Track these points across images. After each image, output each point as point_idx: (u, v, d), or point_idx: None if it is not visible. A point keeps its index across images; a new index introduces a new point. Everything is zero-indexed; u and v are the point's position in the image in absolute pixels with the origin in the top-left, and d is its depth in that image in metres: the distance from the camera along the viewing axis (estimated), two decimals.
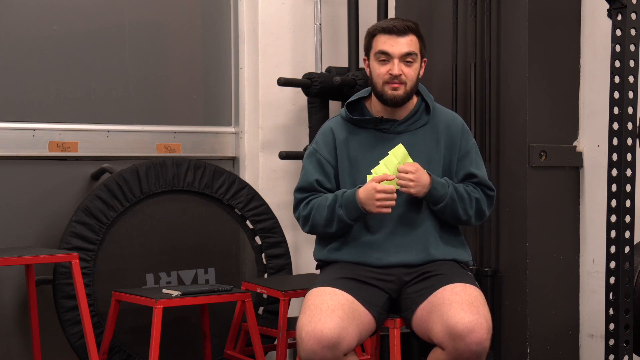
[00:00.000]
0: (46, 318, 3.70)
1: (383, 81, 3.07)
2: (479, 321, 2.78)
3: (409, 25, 3.07)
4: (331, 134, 3.17)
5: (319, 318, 2.82)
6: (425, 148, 3.12)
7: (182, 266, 3.93)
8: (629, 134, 3.14)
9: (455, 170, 3.15)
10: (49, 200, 3.87)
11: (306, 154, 3.20)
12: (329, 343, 2.78)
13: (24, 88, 3.84)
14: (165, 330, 3.48)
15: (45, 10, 3.89)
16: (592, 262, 4.01)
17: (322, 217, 3.07)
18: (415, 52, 3.07)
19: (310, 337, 2.79)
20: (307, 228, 3.15)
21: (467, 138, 3.19)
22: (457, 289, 2.89)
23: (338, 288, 2.93)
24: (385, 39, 3.06)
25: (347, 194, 3.04)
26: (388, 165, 3.06)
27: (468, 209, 3.09)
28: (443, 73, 4.19)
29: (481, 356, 2.80)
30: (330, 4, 4.48)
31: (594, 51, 4.00)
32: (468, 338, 2.76)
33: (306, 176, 3.16)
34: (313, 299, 2.90)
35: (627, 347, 3.17)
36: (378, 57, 3.07)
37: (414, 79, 3.08)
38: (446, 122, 3.16)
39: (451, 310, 2.81)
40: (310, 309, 2.86)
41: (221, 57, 4.38)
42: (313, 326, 2.80)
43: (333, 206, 3.04)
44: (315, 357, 2.80)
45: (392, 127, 3.13)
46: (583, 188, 4.05)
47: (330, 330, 2.79)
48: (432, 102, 3.17)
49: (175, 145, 4.20)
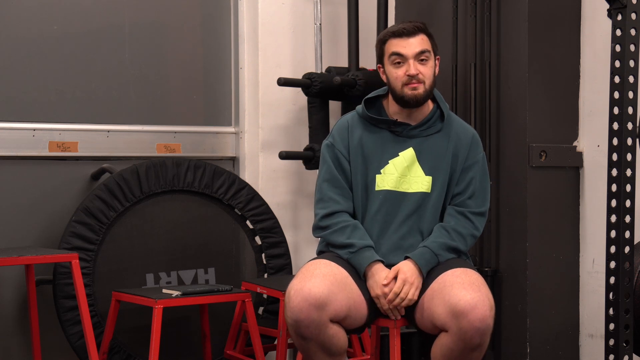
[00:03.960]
0: (46, 318, 3.70)
1: (402, 83, 3.08)
2: (480, 298, 2.81)
3: (417, 26, 3.10)
4: (346, 130, 3.18)
5: (309, 279, 2.87)
6: (434, 155, 3.13)
7: (182, 266, 3.93)
8: (629, 134, 3.14)
9: (457, 181, 3.14)
10: (49, 200, 3.87)
11: (324, 146, 3.22)
12: (317, 302, 2.81)
13: (24, 88, 3.84)
14: (165, 330, 3.48)
15: (45, 10, 3.89)
16: (592, 262, 4.01)
17: (334, 242, 3.08)
18: (428, 49, 3.09)
19: (298, 295, 2.83)
20: (317, 235, 3.17)
21: (475, 150, 3.17)
22: (458, 272, 2.93)
23: (334, 262, 2.98)
24: (397, 42, 3.08)
25: (359, 258, 3.02)
26: (397, 167, 3.09)
27: (463, 249, 3.10)
28: (443, 73, 4.18)
29: (485, 333, 2.81)
30: (330, 4, 4.48)
31: (594, 51, 3.99)
32: (471, 315, 2.78)
33: (330, 169, 3.15)
34: (307, 266, 2.97)
35: (627, 347, 3.17)
36: (393, 60, 3.09)
37: (431, 77, 3.10)
38: (458, 132, 3.17)
39: (452, 290, 2.84)
40: (303, 273, 2.92)
41: (221, 57, 4.37)
42: (302, 285, 2.85)
43: (346, 247, 3.05)
44: (301, 314, 2.82)
45: (405, 131, 3.14)
46: (583, 188, 4.05)
47: (319, 289, 2.83)
48: (447, 110, 3.19)
49: (175, 145, 4.20)
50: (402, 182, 3.10)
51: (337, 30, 4.49)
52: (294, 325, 2.85)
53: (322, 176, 3.18)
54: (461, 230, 3.09)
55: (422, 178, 3.10)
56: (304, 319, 2.83)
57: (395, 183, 3.10)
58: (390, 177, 3.11)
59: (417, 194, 3.09)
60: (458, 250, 3.08)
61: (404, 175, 3.11)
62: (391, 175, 3.11)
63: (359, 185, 3.13)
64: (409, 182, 3.10)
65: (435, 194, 3.11)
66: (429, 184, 3.10)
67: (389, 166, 3.11)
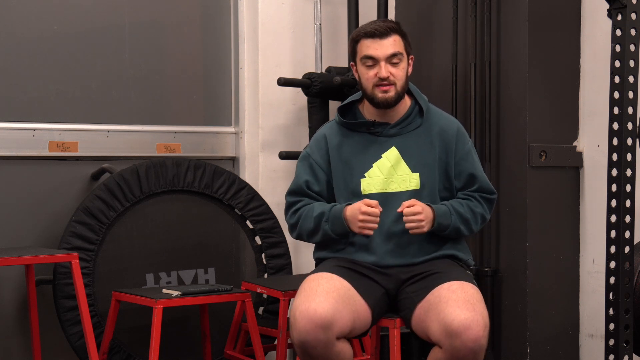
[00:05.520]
0: (46, 318, 3.70)
1: (372, 84, 3.07)
2: (475, 318, 2.78)
3: (390, 26, 3.07)
4: (324, 140, 3.18)
5: (313, 298, 2.84)
6: (419, 151, 3.12)
7: (182, 266, 3.93)
8: (629, 134, 3.14)
9: (456, 174, 3.14)
10: (49, 200, 3.87)
11: (299, 158, 3.23)
12: (322, 323, 2.79)
13: (24, 88, 3.84)
14: (165, 330, 3.49)
15: (45, 10, 3.89)
16: (592, 262, 4.01)
17: (308, 227, 3.10)
18: (401, 51, 3.07)
19: (304, 317, 2.81)
20: (295, 234, 3.19)
21: (464, 141, 3.17)
22: (454, 287, 2.89)
23: (335, 274, 2.96)
24: (369, 43, 3.06)
25: (335, 209, 3.06)
26: (381, 169, 3.07)
27: (473, 227, 3.13)
28: (443, 73, 4.19)
29: (478, 353, 2.80)
30: (330, 4, 4.48)
31: (594, 51, 3.99)
32: (464, 335, 2.76)
33: (297, 179, 3.19)
34: (309, 282, 2.94)
35: (627, 347, 3.17)
36: (364, 62, 3.08)
37: (403, 79, 3.08)
38: (440, 125, 3.16)
39: (447, 308, 2.81)
40: (306, 291, 2.89)
41: (221, 57, 4.37)
42: (307, 305, 2.82)
43: (319, 219, 3.07)
44: (308, 336, 2.80)
45: (384, 131, 3.13)
46: (583, 188, 4.05)
47: (324, 310, 2.80)
48: (426, 104, 3.17)
49: (175, 145, 4.20)
50: (390, 183, 3.09)
51: (337, 30, 4.49)
52: (301, 346, 2.84)
53: (288, 188, 3.20)
54: (473, 208, 3.12)
55: (409, 176, 3.10)
56: (311, 340, 2.81)
57: (382, 185, 3.09)
58: (375, 179, 3.10)
59: (406, 192, 3.08)
60: (468, 223, 3.08)
61: (391, 175, 3.09)
62: (376, 177, 3.10)
63: (343, 192, 3.12)
64: (397, 181, 3.09)
65: (427, 190, 3.10)
66: (417, 181, 3.10)
67: (373, 169, 3.10)
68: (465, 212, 3.09)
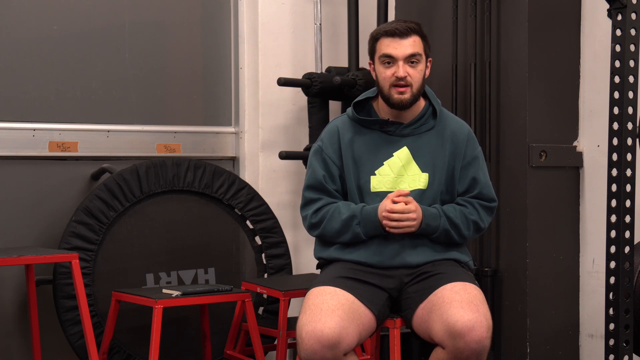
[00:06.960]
0: (46, 318, 3.70)
1: (390, 84, 3.07)
2: (478, 319, 2.78)
3: (411, 27, 3.07)
4: (337, 134, 3.17)
5: (319, 317, 2.82)
6: (430, 152, 3.12)
7: (182, 266, 3.93)
8: (629, 134, 3.14)
9: (459, 178, 3.15)
10: (49, 200, 3.87)
11: (312, 151, 3.21)
12: (329, 342, 2.78)
13: (24, 88, 3.84)
14: (165, 330, 3.48)
15: (45, 10, 3.89)
16: (592, 262, 4.01)
17: (334, 229, 3.08)
18: (420, 52, 3.08)
19: (311, 337, 2.79)
20: (315, 233, 3.16)
21: (473, 146, 3.18)
22: (457, 288, 2.89)
23: (339, 287, 2.94)
24: (389, 41, 3.06)
25: (368, 211, 3.05)
26: (392, 167, 3.07)
27: (464, 233, 3.11)
28: (443, 73, 4.18)
29: (481, 354, 2.80)
30: (330, 4, 4.48)
31: (594, 51, 4.00)
32: (468, 336, 2.76)
33: (314, 174, 3.16)
34: (313, 298, 2.91)
35: (627, 347, 3.17)
36: (383, 60, 3.08)
37: (419, 80, 3.09)
38: (452, 129, 3.17)
39: (451, 309, 2.81)
40: (311, 309, 2.86)
41: (221, 57, 4.37)
42: (313, 326, 2.80)
43: (349, 222, 3.05)
44: (315, 356, 2.79)
45: (397, 130, 3.13)
46: (583, 188, 4.05)
47: (331, 329, 2.79)
48: (440, 107, 3.18)
49: (175, 145, 4.20)
50: (400, 182, 3.10)
51: (337, 30, 4.49)
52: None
53: (305, 182, 3.18)
54: (467, 214, 3.11)
55: (418, 175, 3.10)
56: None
57: (392, 184, 3.09)
58: (385, 178, 3.10)
59: (413, 191, 3.09)
60: (458, 228, 3.08)
61: (401, 175, 3.10)
62: (387, 176, 3.10)
63: (354, 188, 3.12)
64: (407, 181, 3.10)
65: (432, 191, 3.10)
66: (425, 180, 3.10)
67: (383, 167, 3.10)
68: (456, 217, 3.09)
